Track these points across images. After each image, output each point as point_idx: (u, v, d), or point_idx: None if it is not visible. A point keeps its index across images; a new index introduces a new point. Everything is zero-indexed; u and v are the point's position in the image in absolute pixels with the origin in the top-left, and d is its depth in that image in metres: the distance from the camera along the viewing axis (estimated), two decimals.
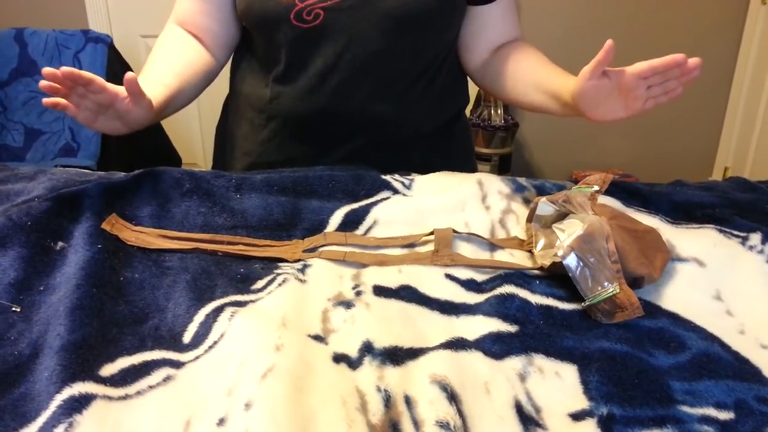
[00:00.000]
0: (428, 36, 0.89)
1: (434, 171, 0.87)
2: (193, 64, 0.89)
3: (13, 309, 0.59)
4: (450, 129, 1.00)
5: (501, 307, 0.63)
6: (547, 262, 0.68)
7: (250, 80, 0.96)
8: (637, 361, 0.57)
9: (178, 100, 0.86)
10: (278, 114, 0.93)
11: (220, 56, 0.96)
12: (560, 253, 0.65)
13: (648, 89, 0.74)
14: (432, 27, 0.89)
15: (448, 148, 1.01)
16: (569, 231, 0.67)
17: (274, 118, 0.93)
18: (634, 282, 0.65)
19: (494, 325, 0.60)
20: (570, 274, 0.64)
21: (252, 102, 0.96)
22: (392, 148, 0.94)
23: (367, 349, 0.56)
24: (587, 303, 0.63)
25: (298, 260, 0.70)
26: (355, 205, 0.78)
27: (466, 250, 0.72)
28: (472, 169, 1.01)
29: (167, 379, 0.53)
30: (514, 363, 0.57)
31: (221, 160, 1.05)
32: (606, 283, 0.62)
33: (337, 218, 0.77)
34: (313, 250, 0.72)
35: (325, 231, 0.75)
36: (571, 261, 0.64)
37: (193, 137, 2.88)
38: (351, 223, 0.76)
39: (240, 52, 0.99)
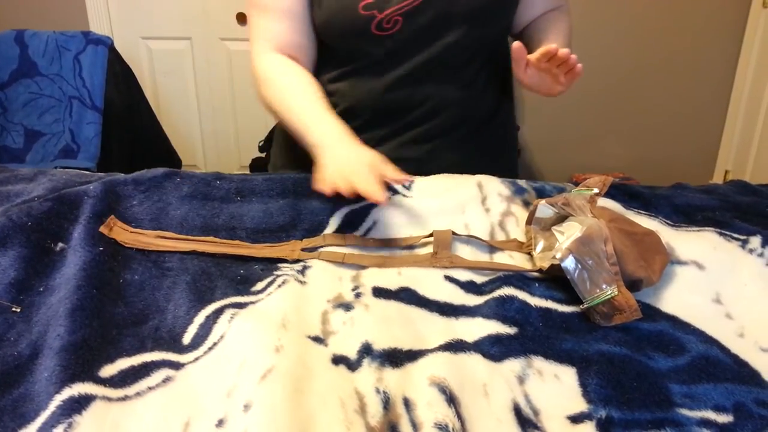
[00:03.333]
0: (495, 26, 0.93)
1: (488, 159, 0.91)
2: (318, 89, 0.90)
3: (13, 309, 0.59)
4: (505, 115, 1.04)
5: (500, 309, 0.63)
6: (545, 265, 0.68)
7: (323, 77, 0.96)
8: (636, 364, 0.57)
9: None
10: (345, 103, 0.94)
11: (312, 71, 0.96)
12: (558, 255, 0.65)
13: (559, 68, 0.82)
14: (499, 17, 0.93)
15: (503, 134, 1.05)
16: (568, 233, 0.67)
17: (340, 107, 0.95)
18: (633, 285, 0.65)
19: (493, 327, 0.60)
20: (568, 277, 0.64)
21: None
22: (454, 134, 0.96)
23: (366, 350, 0.56)
24: (585, 305, 0.63)
25: (297, 261, 0.70)
26: (355, 206, 0.78)
27: (465, 252, 0.72)
28: (514, 160, 1.09)
29: (167, 380, 0.53)
30: (513, 365, 0.57)
31: (285, 153, 1.06)
32: (604, 286, 0.62)
33: (336, 219, 0.77)
34: (312, 250, 0.72)
35: (324, 233, 0.75)
36: (569, 263, 0.64)
37: (194, 139, 2.89)
38: (350, 223, 0.76)
39: None
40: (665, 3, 2.59)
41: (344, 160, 0.77)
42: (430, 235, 0.73)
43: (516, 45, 0.81)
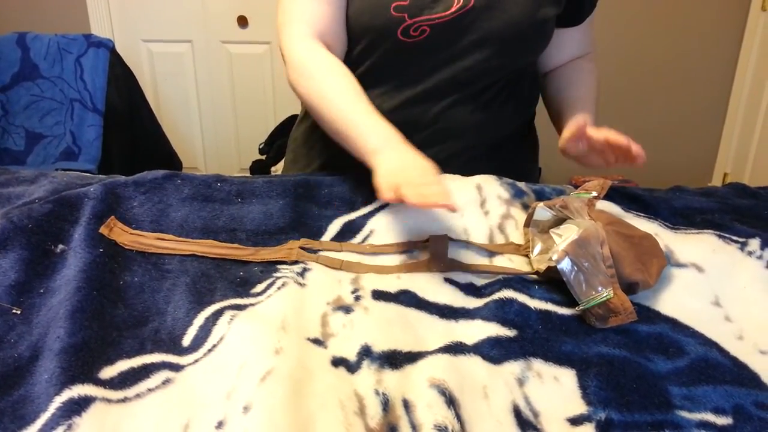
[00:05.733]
0: (522, 57, 0.92)
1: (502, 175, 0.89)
2: (359, 86, 0.85)
3: (14, 311, 0.59)
4: (524, 133, 1.03)
5: (500, 312, 0.63)
6: (542, 267, 0.68)
7: None
8: (636, 366, 0.57)
9: None
10: None
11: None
12: (554, 257, 0.65)
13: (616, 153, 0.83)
14: (528, 49, 0.92)
15: (519, 152, 1.04)
16: (565, 236, 0.67)
17: None
18: (629, 287, 0.65)
19: (493, 329, 0.61)
20: (564, 279, 0.64)
21: None
22: (467, 155, 0.95)
23: (366, 352, 0.56)
24: (581, 307, 0.63)
25: (297, 262, 0.70)
26: (353, 216, 0.78)
27: (463, 256, 0.72)
28: (535, 177, 1.08)
29: (166, 382, 0.53)
30: (512, 367, 0.57)
31: (300, 159, 1.05)
32: (600, 288, 0.62)
33: (335, 227, 0.76)
34: (310, 251, 0.72)
35: (321, 240, 0.75)
36: (566, 265, 0.64)
37: (194, 141, 2.89)
38: (348, 232, 0.76)
39: None
40: (664, 7, 2.60)
41: (401, 164, 0.73)
42: (426, 240, 0.74)
43: (580, 123, 0.82)
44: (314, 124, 1.01)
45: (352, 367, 0.55)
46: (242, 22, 2.66)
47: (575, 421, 0.52)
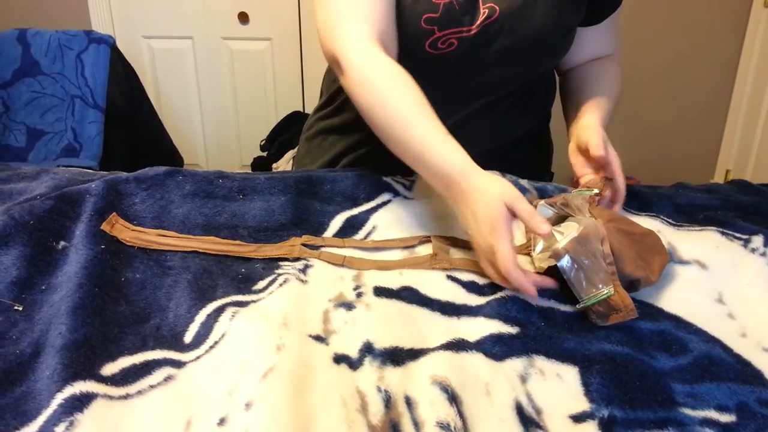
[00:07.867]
0: (545, 63, 0.92)
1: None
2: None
3: (15, 308, 0.59)
4: (537, 137, 1.02)
5: (502, 309, 0.62)
6: (544, 266, 0.68)
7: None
8: (639, 363, 0.57)
9: None
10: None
11: None
12: (555, 255, 0.65)
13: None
14: (551, 55, 0.91)
15: (530, 155, 1.03)
16: (567, 234, 0.67)
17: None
18: (631, 285, 0.65)
19: (495, 326, 0.60)
20: (564, 276, 0.64)
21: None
22: (479, 159, 0.94)
23: (368, 349, 0.56)
24: (582, 305, 0.63)
25: (299, 259, 0.70)
26: (355, 211, 0.78)
27: (466, 254, 0.72)
28: (549, 178, 1.05)
29: (168, 378, 0.53)
30: (515, 364, 0.57)
31: (313, 150, 1.04)
32: (600, 285, 0.62)
33: (337, 223, 0.76)
34: (312, 247, 0.72)
35: (324, 236, 0.75)
36: (566, 263, 0.64)
37: (195, 138, 2.89)
38: (351, 228, 0.76)
39: None
40: (666, 3, 2.59)
41: (480, 214, 0.66)
42: (428, 238, 0.73)
43: (599, 154, 0.76)
44: (331, 114, 1.01)
45: (354, 364, 0.55)
46: (243, 18, 2.65)
47: (578, 418, 0.52)
